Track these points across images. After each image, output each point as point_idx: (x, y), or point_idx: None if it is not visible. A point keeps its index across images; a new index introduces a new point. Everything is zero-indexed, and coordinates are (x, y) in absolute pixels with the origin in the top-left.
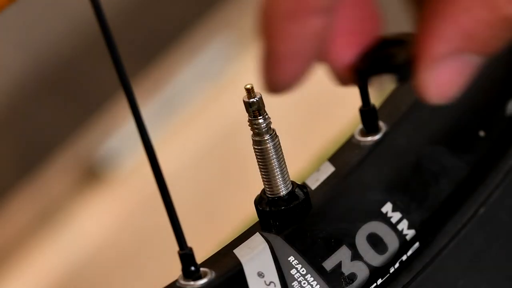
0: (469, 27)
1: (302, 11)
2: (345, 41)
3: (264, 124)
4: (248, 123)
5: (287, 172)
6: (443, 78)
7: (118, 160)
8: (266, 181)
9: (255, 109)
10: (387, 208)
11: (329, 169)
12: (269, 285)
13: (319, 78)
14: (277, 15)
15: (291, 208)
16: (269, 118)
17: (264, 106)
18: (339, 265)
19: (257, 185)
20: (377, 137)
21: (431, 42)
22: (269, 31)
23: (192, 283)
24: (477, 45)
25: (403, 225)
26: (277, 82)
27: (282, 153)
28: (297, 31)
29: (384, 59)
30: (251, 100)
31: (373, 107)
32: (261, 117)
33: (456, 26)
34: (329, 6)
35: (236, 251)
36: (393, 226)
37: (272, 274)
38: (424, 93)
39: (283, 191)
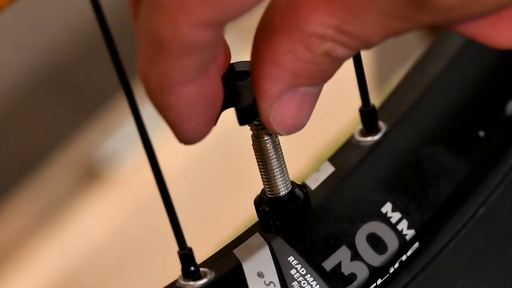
0: (294, 67)
1: (171, 86)
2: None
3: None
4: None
5: (287, 172)
6: (283, 113)
7: (118, 160)
8: (266, 181)
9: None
10: (387, 208)
11: (329, 169)
12: (268, 285)
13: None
14: (153, 90)
15: (291, 208)
16: None
17: None
18: (338, 265)
19: (257, 185)
20: (377, 137)
21: (264, 85)
22: (155, 103)
23: (191, 283)
24: (306, 80)
25: (403, 225)
26: (186, 140)
27: (282, 153)
28: (174, 102)
29: (231, 98)
30: None
31: (373, 107)
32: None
33: (282, 68)
34: (195, 76)
35: (236, 251)
36: (393, 226)
37: (271, 274)
38: (271, 128)
39: (283, 191)
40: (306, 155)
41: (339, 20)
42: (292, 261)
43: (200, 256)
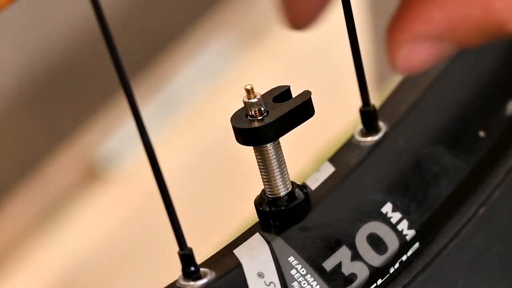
0: (458, 20)
1: None
2: None
3: None
4: None
5: (287, 172)
6: (416, 55)
7: (118, 160)
8: (266, 181)
9: (255, 109)
10: (387, 208)
11: (329, 169)
12: (269, 285)
13: (319, 78)
14: None
15: (291, 208)
16: None
17: (264, 105)
18: (339, 265)
19: (257, 185)
20: (377, 137)
21: (416, 21)
22: None
23: (192, 283)
24: (459, 38)
25: (403, 225)
26: (295, 18)
27: (282, 153)
28: None
29: None
30: (251, 100)
31: (373, 108)
32: (261, 117)
33: (446, 15)
34: None
35: (236, 251)
36: (393, 226)
37: (272, 274)
38: (393, 61)
39: (283, 192)
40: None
41: None
42: (292, 261)
43: (200, 256)
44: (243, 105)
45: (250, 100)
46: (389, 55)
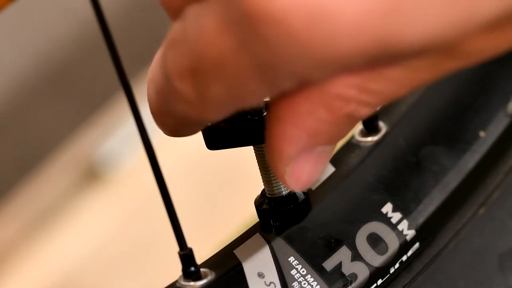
0: (313, 128)
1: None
2: None
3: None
4: None
5: None
6: (300, 172)
7: (118, 160)
8: (266, 181)
9: (255, 107)
10: (387, 208)
11: (329, 169)
12: (269, 285)
13: None
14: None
15: (291, 209)
16: None
17: (263, 104)
18: (339, 266)
19: (257, 185)
20: (377, 137)
21: (281, 145)
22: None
23: (192, 283)
24: (324, 139)
25: (403, 226)
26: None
27: None
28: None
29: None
30: None
31: None
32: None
33: (301, 129)
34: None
35: (236, 251)
36: (393, 227)
37: (272, 275)
38: (286, 184)
39: (283, 192)
40: None
41: (362, 79)
42: (293, 261)
43: (201, 256)
44: None
45: None
46: (284, 182)
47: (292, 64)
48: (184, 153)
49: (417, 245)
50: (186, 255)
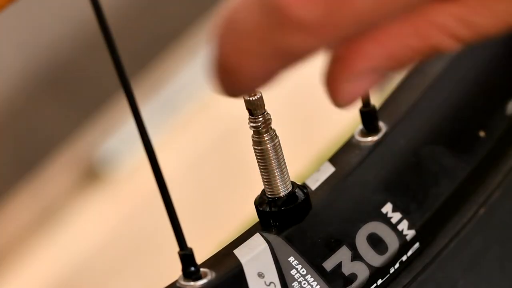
0: (395, 52)
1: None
2: None
3: (264, 123)
4: (248, 121)
5: (287, 172)
6: (358, 89)
7: (118, 160)
8: (266, 182)
9: (255, 107)
10: (387, 208)
11: (329, 169)
12: (269, 285)
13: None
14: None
15: (291, 209)
16: (269, 115)
17: (264, 104)
18: (339, 266)
19: (257, 185)
20: (377, 137)
21: (355, 58)
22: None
23: (192, 283)
24: (398, 65)
25: (403, 226)
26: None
27: (282, 153)
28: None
29: None
30: (251, 98)
31: (373, 108)
32: (261, 115)
33: (385, 49)
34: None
35: (236, 251)
36: (393, 227)
37: (272, 275)
38: (336, 99)
39: (283, 192)
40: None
41: (468, 9)
42: (293, 261)
43: (201, 256)
44: (243, 105)
45: (250, 98)
46: (332, 94)
47: None
48: (184, 153)
49: (417, 245)
50: (186, 255)
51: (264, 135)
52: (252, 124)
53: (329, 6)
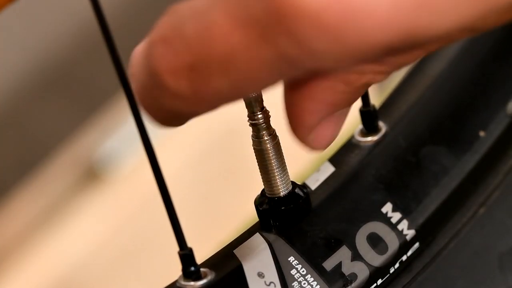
0: (332, 100)
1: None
2: None
3: (264, 120)
4: (248, 118)
5: (287, 172)
6: (322, 135)
7: (118, 160)
8: (266, 181)
9: (254, 104)
10: (387, 208)
11: (329, 169)
12: (269, 285)
13: None
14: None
15: (291, 208)
16: (268, 112)
17: (262, 101)
18: (339, 265)
19: (257, 185)
20: (377, 137)
21: (302, 118)
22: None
23: (192, 283)
24: (343, 105)
25: (403, 225)
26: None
27: (282, 153)
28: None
29: None
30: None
31: (373, 108)
32: (260, 112)
33: (321, 102)
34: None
35: (236, 251)
36: (393, 226)
37: (272, 275)
38: (311, 149)
39: (283, 191)
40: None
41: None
42: (293, 261)
43: (201, 256)
44: (243, 105)
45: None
46: (308, 146)
47: (317, 56)
48: (184, 153)
49: (417, 245)
50: (186, 255)
51: (264, 135)
52: (251, 122)
53: (192, 83)
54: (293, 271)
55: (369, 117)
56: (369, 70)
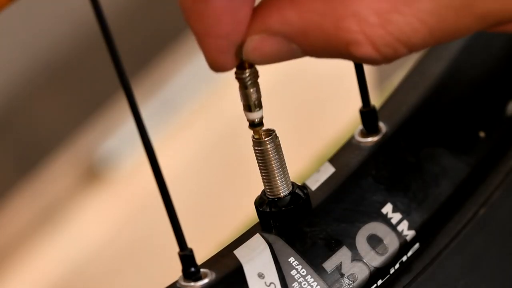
0: (310, 27)
1: None
2: None
3: (251, 75)
4: (235, 74)
5: (288, 173)
6: (265, 47)
7: (118, 160)
8: (266, 182)
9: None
10: (387, 209)
11: (329, 170)
12: (269, 286)
13: (319, 78)
14: None
15: (291, 209)
16: (256, 70)
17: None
18: (339, 266)
19: (257, 186)
20: (377, 138)
21: (271, 17)
22: (186, 11)
23: (192, 284)
24: (307, 45)
25: (403, 226)
26: (212, 62)
27: (282, 154)
28: (204, 10)
29: None
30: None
31: (373, 108)
32: (248, 69)
33: (300, 19)
34: None
35: (237, 252)
36: (393, 227)
37: (272, 275)
38: (245, 45)
39: (283, 192)
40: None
41: (389, 5)
42: (293, 262)
43: (201, 257)
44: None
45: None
46: (243, 40)
47: None
48: (184, 153)
49: (417, 245)
50: (186, 256)
51: (265, 137)
52: (238, 76)
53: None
54: (293, 272)
55: (369, 117)
56: (366, 17)
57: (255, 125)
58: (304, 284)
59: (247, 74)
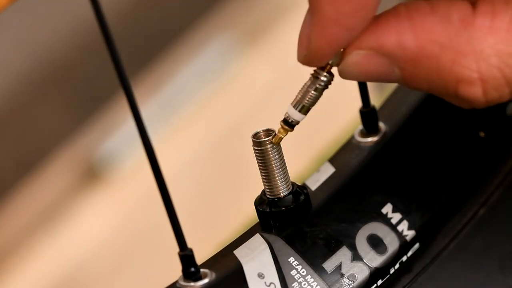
0: (413, 47)
1: None
2: None
3: (326, 82)
4: (314, 72)
5: (287, 173)
6: (370, 64)
7: (118, 160)
8: (266, 182)
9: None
10: (387, 209)
11: (329, 170)
12: (269, 286)
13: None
14: None
15: (291, 209)
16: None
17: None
18: (339, 266)
19: (257, 186)
20: (377, 138)
21: (387, 34)
22: None
23: (192, 284)
24: (411, 73)
25: (403, 226)
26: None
27: (282, 154)
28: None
29: None
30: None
31: (373, 108)
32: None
33: (417, 44)
34: None
35: (236, 252)
36: (393, 227)
37: (272, 275)
38: (349, 58)
39: (283, 192)
40: (306, 156)
41: (503, 40)
42: (293, 262)
43: (201, 257)
44: (242, 105)
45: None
46: (345, 53)
47: None
48: (184, 153)
49: (417, 245)
50: (186, 256)
51: (265, 137)
52: (316, 75)
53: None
54: (293, 272)
55: (369, 117)
56: (487, 55)
57: (287, 123)
58: (304, 284)
59: (325, 79)
